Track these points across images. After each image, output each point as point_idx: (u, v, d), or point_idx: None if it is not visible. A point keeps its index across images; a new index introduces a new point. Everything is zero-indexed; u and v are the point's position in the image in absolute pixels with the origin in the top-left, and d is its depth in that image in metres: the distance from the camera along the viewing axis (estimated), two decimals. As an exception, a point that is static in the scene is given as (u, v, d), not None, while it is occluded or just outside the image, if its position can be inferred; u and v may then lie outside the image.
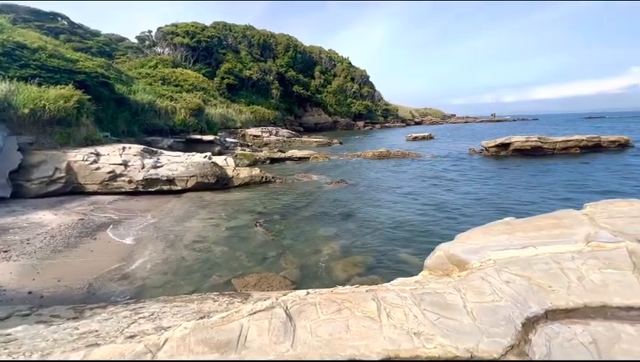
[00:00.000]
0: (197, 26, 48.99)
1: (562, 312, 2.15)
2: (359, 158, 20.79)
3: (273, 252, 6.58)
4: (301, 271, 5.83)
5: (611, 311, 2.15)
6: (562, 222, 3.36)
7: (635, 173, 13.25)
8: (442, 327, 1.84)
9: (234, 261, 6.20)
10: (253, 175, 13.46)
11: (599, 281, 2.35)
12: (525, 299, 2.16)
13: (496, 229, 3.46)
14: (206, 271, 5.74)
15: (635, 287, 2.27)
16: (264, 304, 2.00)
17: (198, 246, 6.81)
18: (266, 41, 63.52)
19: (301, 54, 69.41)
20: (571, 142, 18.73)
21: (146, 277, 5.43)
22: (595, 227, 3.13)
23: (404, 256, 6.27)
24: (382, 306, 2.01)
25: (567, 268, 2.51)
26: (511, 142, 18.84)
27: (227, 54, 51.81)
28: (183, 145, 19.68)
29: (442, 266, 3.02)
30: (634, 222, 3.07)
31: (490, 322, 1.90)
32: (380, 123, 75.60)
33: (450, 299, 2.12)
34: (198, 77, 39.43)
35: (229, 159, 14.77)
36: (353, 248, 6.70)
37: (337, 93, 72.07)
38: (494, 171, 15.19)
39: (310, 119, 61.70)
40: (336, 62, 79.55)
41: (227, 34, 58.51)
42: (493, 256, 2.77)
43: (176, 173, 11.67)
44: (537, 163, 16.50)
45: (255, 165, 17.76)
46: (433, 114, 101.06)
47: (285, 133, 36.03)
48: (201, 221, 8.54)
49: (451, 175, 14.44)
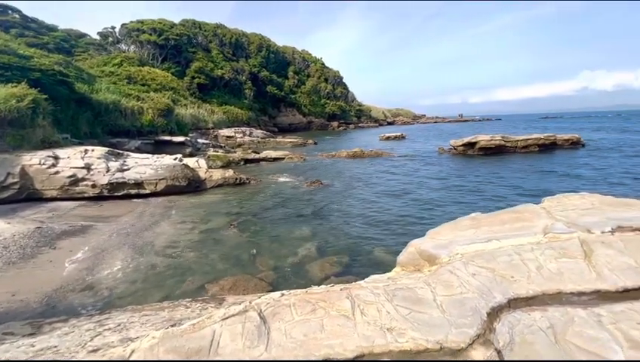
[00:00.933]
0: (165, 23, 47.18)
1: (523, 300, 2.28)
2: (334, 158, 20.95)
3: (248, 254, 6.48)
4: (277, 272, 5.78)
5: (566, 297, 2.32)
6: (523, 216, 3.57)
7: (585, 168, 14.37)
8: (414, 321, 1.90)
9: (207, 265, 6.04)
10: (227, 176, 13.17)
11: (555, 270, 2.53)
12: (490, 290, 2.28)
13: (464, 224, 3.62)
14: (178, 277, 5.54)
15: (585, 274, 2.46)
16: (237, 308, 1.96)
17: (170, 252, 6.56)
18: (238, 40, 62.36)
19: (274, 54, 68.82)
20: (531, 141, 19.98)
21: (112, 287, 5.16)
22: (551, 219, 3.35)
23: (378, 254, 6.39)
24: (356, 304, 2.04)
25: (527, 259, 2.67)
26: (477, 141, 19.78)
27: (197, 53, 50.31)
28: (152, 147, 18.88)
29: (414, 262, 3.11)
30: (584, 214, 3.33)
31: (458, 313, 1.99)
32: (354, 123, 76.60)
33: (421, 294, 2.19)
34: (166, 76, 38.00)
35: (201, 161, 14.37)
36: (329, 248, 6.74)
37: (311, 93, 72.18)
38: (462, 169, 15.88)
39: (284, 119, 61.34)
40: (310, 62, 79.67)
41: (197, 32, 56.83)
42: (460, 250, 2.89)
43: (144, 176, 11.17)
44: (501, 160, 17.45)
45: (229, 166, 17.40)
46: (404, 114, 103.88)
47: (259, 134, 35.57)
48: (173, 225, 8.24)
49: (422, 173, 14.92)
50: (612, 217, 3.15)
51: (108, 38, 43.65)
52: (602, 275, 2.44)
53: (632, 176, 12.62)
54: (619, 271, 2.46)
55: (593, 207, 3.61)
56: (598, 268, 2.51)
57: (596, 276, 2.44)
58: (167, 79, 37.23)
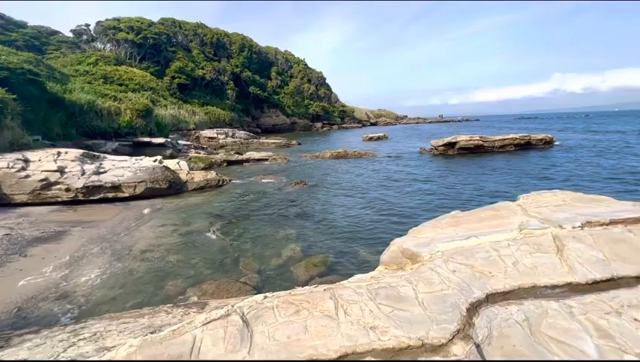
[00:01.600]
0: (143, 22, 45.84)
1: (501, 295, 2.36)
2: (318, 159, 20.97)
3: (232, 257, 6.38)
4: (261, 275, 5.73)
5: (540, 291, 2.41)
6: (500, 213, 3.69)
7: (557, 166, 15.03)
8: (396, 319, 1.92)
9: (190, 269, 5.91)
10: (209, 178, 12.95)
11: (530, 264, 2.63)
12: (469, 286, 2.34)
13: (444, 222, 3.70)
14: (159, 282, 5.40)
15: (558, 268, 2.56)
16: (219, 312, 1.93)
17: (150, 256, 6.38)
18: (219, 40, 61.44)
19: (257, 55, 68.25)
20: (507, 141, 20.71)
21: (88, 294, 4.96)
22: (526, 216, 3.48)
23: (362, 253, 6.44)
24: (339, 304, 2.05)
25: (504, 255, 2.77)
26: (457, 141, 20.31)
27: (177, 53, 49.24)
28: (130, 148, 18.30)
29: (396, 260, 3.15)
30: (556, 211, 3.48)
31: (439, 310, 2.03)
32: (338, 124, 77.00)
33: (403, 292, 2.22)
34: (145, 76, 36.96)
35: (182, 162, 14.05)
36: (313, 249, 6.73)
37: (294, 94, 72.04)
38: (443, 168, 16.26)
39: (268, 120, 60.93)
40: (293, 63, 79.50)
41: (177, 31, 55.63)
42: (441, 247, 2.96)
43: (122, 178, 10.81)
44: (480, 159, 17.99)
45: (211, 168, 17.10)
46: (387, 115, 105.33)
47: (242, 135, 35.15)
48: (153, 229, 8.01)
49: (405, 173, 15.17)
50: (582, 213, 3.31)
51: (82, 35, 41.99)
52: (573, 269, 2.56)
53: (599, 173, 13.30)
54: (588, 264, 2.59)
55: (564, 203, 3.77)
56: (569, 261, 2.63)
57: (568, 269, 2.55)
58: (145, 79, 36.21)
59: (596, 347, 1.90)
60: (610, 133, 33.29)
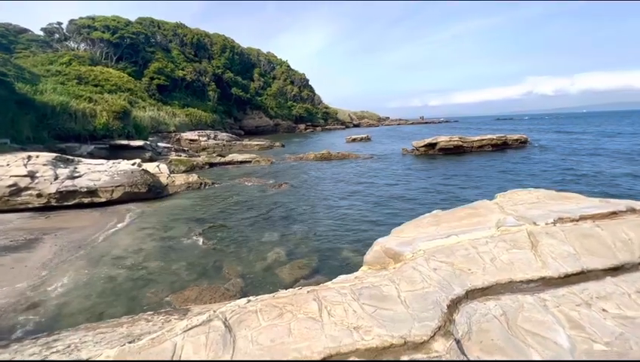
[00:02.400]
0: (119, 21, 44.45)
1: (479, 291, 2.43)
2: (302, 161, 20.94)
3: (215, 262, 6.27)
4: (246, 279, 5.65)
5: (516, 285, 2.50)
6: (478, 211, 3.80)
7: (532, 165, 15.66)
8: (379, 318, 1.95)
9: (171, 275, 5.76)
10: (191, 181, 12.68)
11: (507, 260, 2.72)
12: (449, 283, 2.40)
13: (426, 221, 3.78)
14: (139, 290, 5.23)
15: (533, 263, 2.67)
16: (201, 318, 1.89)
17: (129, 263, 6.17)
18: (200, 40, 60.39)
19: (239, 56, 67.55)
20: (485, 141, 21.41)
21: (63, 304, 4.75)
22: (503, 214, 3.60)
23: (347, 254, 6.48)
24: (323, 305, 2.05)
25: (482, 252, 2.85)
26: (437, 141, 20.80)
27: (156, 53, 48.01)
28: (107, 152, 17.69)
29: (380, 260, 3.19)
30: (531, 208, 3.62)
31: (421, 308, 2.07)
32: (321, 125, 77.20)
33: (386, 291, 2.25)
34: (122, 76, 35.82)
35: (163, 166, 13.70)
36: (298, 251, 6.71)
37: (277, 95, 71.73)
38: (424, 168, 16.60)
39: (251, 122, 60.35)
40: (276, 64, 79.18)
41: (155, 31, 54.28)
42: (422, 246, 3.02)
43: (99, 183, 10.42)
44: (459, 159, 18.50)
45: (192, 171, 16.75)
46: (370, 117, 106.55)
47: (225, 137, 34.62)
48: (132, 234, 7.76)
49: (388, 174, 15.38)
50: (554, 210, 3.45)
51: (54, 34, 40.25)
52: (547, 263, 2.67)
53: (570, 171, 13.95)
54: (560, 258, 2.71)
55: (538, 201, 3.93)
56: (543, 257, 2.75)
57: (542, 264, 2.66)
58: (122, 80, 35.09)
59: (568, 338, 1.99)
60: (579, 133, 35.04)
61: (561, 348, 1.92)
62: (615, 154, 18.16)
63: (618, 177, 12.39)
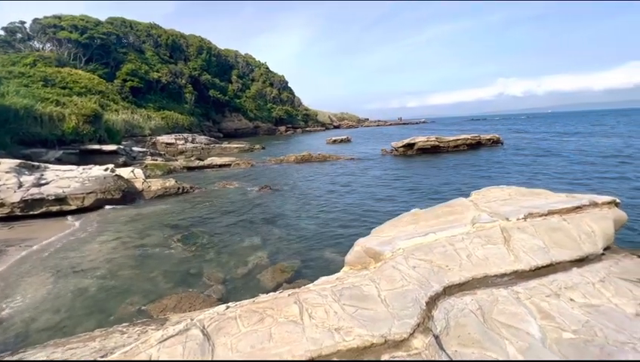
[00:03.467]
0: (88, 20, 42.61)
1: (457, 286, 2.50)
2: (282, 163, 20.83)
3: (194, 268, 6.10)
4: (227, 285, 5.54)
5: (491, 280, 2.59)
6: (455, 209, 3.91)
7: (504, 163, 16.33)
8: (360, 318, 1.96)
9: (148, 284, 5.55)
10: (168, 186, 12.31)
11: (482, 256, 2.82)
12: (428, 280, 2.45)
13: (405, 220, 3.85)
14: (113, 301, 5.00)
15: (506, 257, 2.78)
16: (177, 327, 1.83)
17: (102, 273, 5.90)
18: (175, 41, 58.91)
19: (216, 57, 66.41)
20: (460, 141, 22.13)
21: (29, 320, 4.46)
22: (478, 211, 3.72)
23: (329, 256, 6.48)
24: (304, 308, 2.04)
25: (459, 248, 2.94)
26: (415, 142, 21.29)
27: (129, 54, 46.40)
28: (77, 157, 16.87)
29: (361, 260, 3.22)
30: (504, 204, 3.77)
31: (401, 306, 2.10)
32: (301, 127, 77.10)
33: (367, 290, 2.27)
34: (92, 78, 34.34)
35: (137, 170, 13.22)
36: (280, 254, 6.65)
37: (257, 98, 71.07)
38: (403, 168, 16.93)
39: (230, 125, 59.40)
40: (254, 66, 78.46)
41: (128, 31, 52.44)
42: (402, 245, 3.07)
43: (68, 190, 9.91)
44: (436, 159, 19.00)
45: (170, 175, 16.27)
46: (349, 118, 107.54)
47: (203, 140, 33.87)
48: (105, 243, 7.43)
49: (368, 174, 15.57)
50: (525, 205, 3.61)
51: (16, 34, 38.03)
52: (519, 257, 2.79)
53: (539, 168, 14.66)
54: (531, 252, 2.83)
55: (510, 197, 4.10)
56: (515, 251, 2.86)
57: (514, 258, 2.77)
58: (93, 82, 33.64)
59: (539, 328, 2.08)
60: (546, 133, 36.94)
61: (533, 338, 2.00)
62: (576, 153, 19.26)
63: (580, 173, 13.14)
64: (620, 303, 2.28)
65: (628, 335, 1.96)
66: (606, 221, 3.19)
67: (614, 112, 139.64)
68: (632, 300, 2.31)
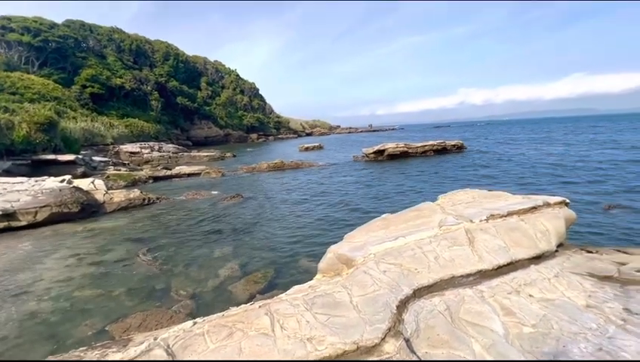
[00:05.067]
0: (42, 22, 39.99)
1: (426, 289, 2.57)
2: (254, 171, 20.54)
3: (161, 284, 5.80)
4: (196, 300, 5.31)
5: (458, 280, 2.69)
6: (423, 213, 4.04)
7: (468, 167, 17.20)
8: (332, 326, 1.95)
9: (110, 303, 5.19)
10: (132, 197, 11.68)
11: (449, 257, 2.92)
12: (398, 284, 2.50)
13: (376, 225, 3.92)
14: (69, 324, 4.62)
15: (471, 258, 2.90)
16: (139, 349, 1.72)
17: (57, 294, 5.44)
18: (139, 46, 56.72)
19: (184, 64, 64.68)
20: (427, 147, 23.06)
21: (-32, 352, 4.01)
22: (444, 214, 3.87)
23: (304, 264, 6.43)
24: (275, 319, 2.00)
25: (427, 251, 3.03)
26: (385, 148, 21.91)
27: (89, 59, 44.02)
28: (28, 168, 15.58)
29: (333, 267, 3.22)
30: (468, 207, 3.95)
31: (372, 311, 2.12)
32: (273, 135, 76.74)
33: (339, 297, 2.27)
34: (46, 84, 32.12)
35: (98, 181, 12.45)
36: (253, 264, 6.50)
37: (227, 105, 69.89)
38: (374, 174, 17.30)
39: (199, 132, 57.82)
40: (224, 74, 77.27)
41: (87, 35, 49.78)
42: (373, 250, 3.12)
43: (18, 204, 9.11)
44: (405, 164, 19.63)
45: (134, 186, 15.47)
46: (321, 125, 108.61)
47: (171, 149, 32.64)
48: (61, 261, 6.88)
49: (340, 180, 15.73)
50: (487, 207, 3.81)
51: (-43, 35, 34.84)
52: (482, 257, 2.92)
53: (500, 172, 15.58)
54: (493, 252, 2.98)
55: (474, 200, 4.31)
56: (479, 251, 3.00)
57: (478, 258, 2.91)
58: (47, 87, 31.46)
59: (502, 324, 2.19)
60: (503, 138, 39.47)
61: (496, 334, 2.09)
62: (528, 156, 20.73)
63: (532, 176, 14.12)
64: (572, 296, 2.46)
65: (580, 326, 2.11)
66: (558, 220, 3.44)
67: (561, 120, 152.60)
68: (582, 292, 2.49)
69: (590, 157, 18.47)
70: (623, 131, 38.12)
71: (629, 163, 15.51)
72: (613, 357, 1.83)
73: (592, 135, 36.02)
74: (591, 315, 2.20)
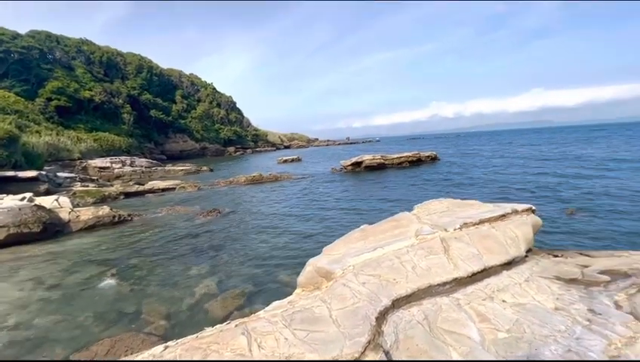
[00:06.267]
0: (4, 33, 38.10)
1: (404, 299, 2.59)
2: (232, 185, 20.18)
3: (132, 306, 5.49)
4: (170, 320, 5.06)
5: (435, 289, 2.74)
6: (400, 223, 4.10)
7: (442, 177, 17.79)
8: (311, 342, 1.91)
9: (74, 329, 4.84)
10: (101, 215, 11.10)
11: (426, 267, 2.97)
12: (377, 295, 2.50)
13: (354, 237, 3.93)
14: (28, 356, 4.25)
15: (447, 266, 2.97)
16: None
17: (14, 322, 5.01)
18: (110, 59, 55.16)
19: (157, 76, 63.45)
20: (403, 158, 23.71)
21: None
22: (421, 223, 3.95)
23: (283, 279, 6.32)
24: (252, 338, 1.94)
25: (405, 261, 3.07)
26: (362, 160, 22.31)
27: (56, 71, 42.23)
28: (-16, 186, 14.45)
29: (313, 281, 3.19)
30: (442, 216, 4.06)
31: (352, 324, 2.11)
32: (251, 148, 76.17)
33: (318, 312, 2.24)
34: (7, 96, 30.41)
35: (63, 199, 11.75)
36: (231, 281, 6.31)
37: (203, 118, 68.88)
38: (352, 186, 17.49)
39: (174, 146, 56.41)
40: (200, 87, 76.41)
41: (54, 46, 47.90)
42: (352, 261, 3.12)
43: (-31, 226, 8.40)
44: (382, 175, 20.01)
45: (104, 203, 14.73)
46: (299, 138, 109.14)
47: (144, 163, 31.51)
48: (19, 285, 6.36)
49: (319, 192, 15.76)
50: (460, 216, 3.93)
51: None
52: (458, 265, 3.00)
53: (472, 181, 16.22)
54: (467, 259, 3.06)
55: (448, 209, 4.44)
56: (454, 259, 3.07)
57: (454, 267, 2.97)
58: (8, 100, 29.77)
59: (478, 331, 2.23)
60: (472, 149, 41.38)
61: (473, 341, 2.13)
62: (496, 166, 21.81)
63: (502, 183, 14.82)
64: (542, 299, 2.56)
65: (550, 328, 2.19)
66: (526, 226, 3.60)
67: (523, 131, 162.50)
68: (550, 296, 2.60)
69: (550, 168, 19.66)
70: (574, 143, 40.94)
71: (589, 170, 16.68)
72: (581, 358, 1.91)
73: (551, 145, 38.56)
74: (559, 317, 2.29)
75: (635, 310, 2.24)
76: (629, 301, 2.34)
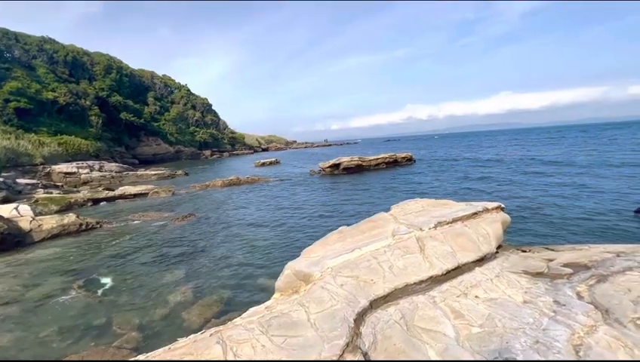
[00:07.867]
0: (-47, 29, 35.23)
1: (382, 299, 2.61)
2: (208, 188, 19.70)
3: (101, 318, 5.21)
4: (143, 331, 4.84)
5: (411, 288, 2.78)
6: (378, 223, 4.15)
7: (418, 178, 18.27)
8: (289, 348, 1.88)
9: (39, 346, 4.53)
10: (66, 223, 10.48)
11: (402, 266, 3.02)
12: (355, 297, 2.51)
13: (332, 239, 3.93)
14: (-19, 378, 3.92)
15: (422, 265, 3.02)
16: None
17: (-35, 343, 4.60)
18: (76, 58, 52.39)
19: (128, 78, 60.97)
20: (380, 160, 24.12)
21: None
22: (397, 223, 4.01)
23: (261, 283, 6.22)
24: (228, 346, 1.88)
25: (382, 261, 3.10)
26: (340, 162, 22.46)
27: (14, 70, 39.58)
28: None
29: (291, 284, 3.15)
30: (418, 216, 4.15)
31: (330, 327, 2.09)
32: (228, 151, 74.78)
33: (296, 317, 2.21)
34: (-42, 98, 28.10)
35: (24, 207, 11.00)
36: (207, 288, 6.13)
37: (178, 121, 66.90)
38: (330, 187, 17.57)
39: (147, 150, 54.34)
40: (174, 88, 74.19)
41: (12, 44, 44.90)
42: (330, 263, 3.11)
43: None
44: (360, 176, 20.26)
45: (69, 210, 13.92)
46: (278, 141, 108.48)
47: (114, 168, 30.13)
48: (-29, 303, 5.86)
49: (298, 195, 15.70)
50: (435, 215, 4.03)
51: None
52: (433, 264, 3.06)
53: (447, 181, 16.76)
54: (442, 257, 3.14)
55: (423, 209, 4.54)
56: (429, 258, 3.14)
57: (429, 265, 3.04)
58: (-41, 102, 27.50)
59: (453, 327, 2.28)
60: (445, 151, 42.88)
61: (448, 338, 2.17)
62: (467, 167, 22.70)
63: (472, 183, 15.44)
64: (512, 293, 2.66)
65: (519, 321, 2.28)
66: (496, 223, 3.75)
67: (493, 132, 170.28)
68: (520, 290, 2.71)
69: (518, 168, 20.68)
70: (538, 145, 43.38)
71: (551, 167, 17.72)
72: (548, 348, 2.00)
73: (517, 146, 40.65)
74: (528, 310, 2.39)
75: (595, 299, 2.38)
76: (589, 291, 2.48)
